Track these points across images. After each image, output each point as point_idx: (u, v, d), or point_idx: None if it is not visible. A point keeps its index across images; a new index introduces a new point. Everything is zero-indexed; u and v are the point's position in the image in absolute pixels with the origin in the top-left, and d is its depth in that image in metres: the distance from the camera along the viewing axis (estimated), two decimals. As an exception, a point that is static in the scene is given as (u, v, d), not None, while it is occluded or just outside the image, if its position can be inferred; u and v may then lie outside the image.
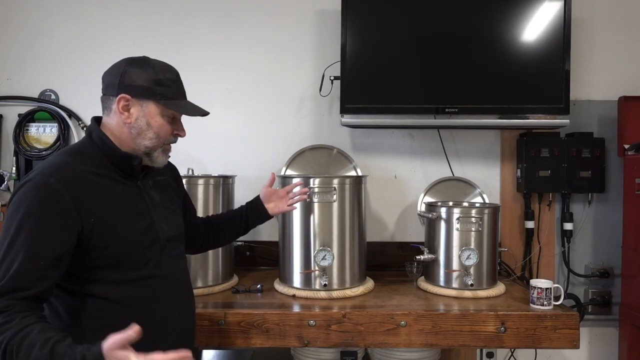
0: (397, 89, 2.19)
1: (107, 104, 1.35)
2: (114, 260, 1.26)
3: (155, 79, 1.31)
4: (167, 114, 1.34)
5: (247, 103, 2.41)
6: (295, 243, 1.91)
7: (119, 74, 1.32)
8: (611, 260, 2.37)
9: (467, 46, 2.16)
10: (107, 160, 1.32)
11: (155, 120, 1.32)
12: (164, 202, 1.44)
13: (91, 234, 1.22)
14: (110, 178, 1.31)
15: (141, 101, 1.31)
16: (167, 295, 1.35)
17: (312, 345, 1.68)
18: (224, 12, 2.41)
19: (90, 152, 1.32)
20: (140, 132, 1.32)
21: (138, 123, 1.32)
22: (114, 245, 1.26)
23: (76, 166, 1.26)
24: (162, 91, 1.32)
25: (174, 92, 1.35)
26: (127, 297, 1.28)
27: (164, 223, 1.39)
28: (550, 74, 2.14)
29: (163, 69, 1.35)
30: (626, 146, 2.24)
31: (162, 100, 1.32)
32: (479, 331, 1.67)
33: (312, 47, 2.41)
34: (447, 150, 2.39)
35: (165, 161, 1.41)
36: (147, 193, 1.38)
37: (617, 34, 2.39)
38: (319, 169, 2.31)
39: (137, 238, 1.30)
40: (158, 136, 1.34)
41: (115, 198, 1.30)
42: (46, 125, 2.41)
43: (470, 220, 1.90)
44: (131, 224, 1.30)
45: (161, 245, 1.36)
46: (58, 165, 1.25)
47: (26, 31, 2.43)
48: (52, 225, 1.17)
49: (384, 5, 2.18)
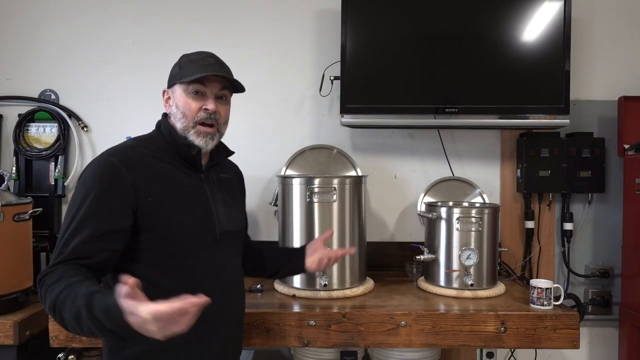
0: (397, 89, 2.19)
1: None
2: (164, 243, 1.28)
3: (180, 63, 1.39)
4: (189, 91, 1.35)
5: (247, 103, 2.40)
6: (295, 243, 1.91)
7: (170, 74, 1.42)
8: (611, 260, 2.37)
9: (467, 46, 2.16)
10: (174, 152, 1.36)
11: (180, 100, 1.36)
12: (226, 198, 1.44)
13: (146, 213, 1.25)
14: (173, 165, 1.35)
15: (173, 88, 1.38)
16: (215, 287, 1.30)
17: (312, 345, 1.68)
18: (224, 12, 2.41)
19: (157, 142, 1.38)
20: (175, 117, 1.37)
21: (173, 109, 1.38)
22: (166, 227, 1.28)
23: (140, 150, 1.32)
24: (183, 72, 1.36)
25: (198, 68, 1.35)
26: (172, 281, 1.27)
27: (223, 217, 1.39)
28: (550, 74, 2.14)
29: (193, 53, 1.41)
30: (626, 146, 2.24)
31: (183, 80, 1.34)
32: (479, 331, 1.67)
33: (312, 47, 2.41)
34: (447, 150, 2.39)
35: (204, 145, 1.36)
36: (210, 186, 1.40)
37: (617, 34, 2.39)
38: (319, 169, 2.31)
39: (191, 225, 1.31)
40: (184, 114, 1.35)
41: (174, 183, 1.32)
42: (46, 125, 2.41)
43: (470, 220, 1.90)
44: (187, 210, 1.32)
45: (216, 238, 1.36)
46: (123, 148, 1.33)
47: (26, 31, 2.43)
48: (111, 201, 1.23)
49: (384, 5, 2.18)
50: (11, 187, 2.36)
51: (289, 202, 1.92)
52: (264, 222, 2.41)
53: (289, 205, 1.92)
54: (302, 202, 1.89)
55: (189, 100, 1.35)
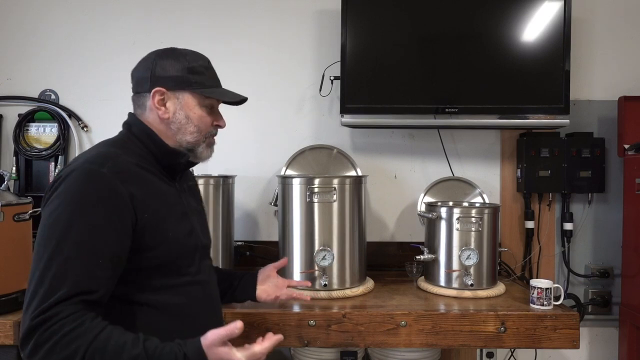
0: (397, 89, 2.19)
1: (140, 102, 1.25)
2: (162, 262, 1.16)
3: (188, 67, 1.22)
4: (205, 104, 1.25)
5: (247, 103, 2.39)
6: (295, 243, 1.91)
7: (149, 68, 1.23)
8: (611, 260, 2.37)
9: (467, 46, 2.16)
10: (152, 157, 1.22)
11: (194, 112, 1.23)
12: (198, 208, 1.37)
13: (143, 232, 1.11)
14: (155, 175, 1.21)
15: (177, 93, 1.22)
16: (207, 302, 1.28)
17: (312, 345, 1.68)
18: (224, 12, 2.41)
19: (133, 147, 1.21)
20: (180, 127, 1.23)
21: (177, 117, 1.22)
22: (164, 245, 1.15)
23: (124, 158, 1.14)
24: (197, 79, 1.22)
25: (210, 80, 1.26)
26: (172, 303, 1.18)
27: (199, 229, 1.30)
28: (550, 74, 2.14)
29: (195, 57, 1.26)
30: (626, 146, 2.24)
31: (198, 89, 1.23)
32: (479, 331, 1.67)
33: (312, 47, 2.41)
34: (447, 150, 2.39)
35: (210, 155, 1.32)
36: (184, 196, 1.30)
37: (617, 34, 2.39)
38: (319, 169, 2.31)
39: (182, 241, 1.21)
40: (199, 129, 1.25)
41: (163, 196, 1.20)
42: (46, 125, 2.41)
43: (470, 220, 1.90)
44: (177, 225, 1.20)
45: (200, 252, 1.28)
46: (106, 155, 1.12)
47: (26, 31, 2.43)
48: (108, 220, 1.04)
49: (384, 5, 2.18)
50: (11, 187, 2.36)
51: (289, 202, 1.92)
52: (263, 222, 2.41)
53: (289, 205, 1.92)
54: (302, 202, 1.89)
55: (204, 114, 1.25)
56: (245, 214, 2.41)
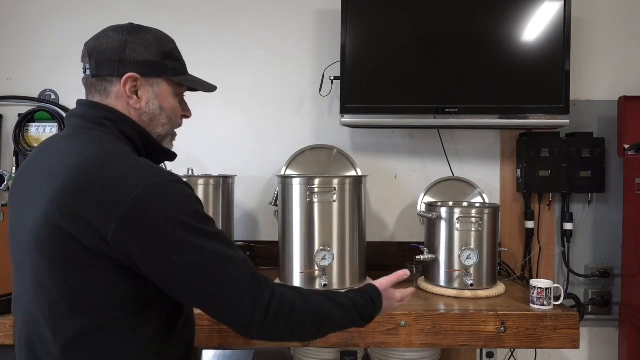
0: (397, 89, 2.19)
1: (101, 87, 1.07)
2: None
3: (164, 52, 1.08)
4: (178, 93, 1.13)
5: (247, 103, 2.41)
6: (295, 243, 1.91)
7: (118, 48, 1.05)
8: (611, 260, 2.37)
9: (467, 46, 2.16)
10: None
11: (168, 101, 1.10)
12: None
13: None
14: None
15: (151, 80, 1.07)
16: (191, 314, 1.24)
17: (312, 345, 1.68)
18: (224, 12, 2.41)
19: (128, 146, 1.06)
20: (153, 118, 1.09)
21: (150, 107, 1.08)
22: None
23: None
24: (172, 66, 1.10)
25: (184, 66, 1.15)
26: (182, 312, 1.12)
27: None
28: (550, 74, 2.14)
29: (165, 38, 1.12)
30: (626, 146, 2.24)
31: (174, 77, 1.10)
32: (479, 331, 1.67)
33: (312, 47, 2.41)
34: (447, 150, 2.39)
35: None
36: None
37: (617, 34, 2.39)
38: (319, 169, 2.31)
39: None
40: (170, 120, 1.12)
41: None
42: (46, 125, 2.41)
43: (470, 220, 1.90)
44: None
45: None
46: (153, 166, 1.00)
47: (26, 31, 2.43)
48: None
49: (384, 5, 2.18)
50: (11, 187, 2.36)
51: (289, 202, 1.92)
52: (263, 223, 2.41)
53: (289, 205, 1.92)
54: (302, 202, 1.89)
55: (176, 104, 1.13)
56: (245, 214, 2.41)
